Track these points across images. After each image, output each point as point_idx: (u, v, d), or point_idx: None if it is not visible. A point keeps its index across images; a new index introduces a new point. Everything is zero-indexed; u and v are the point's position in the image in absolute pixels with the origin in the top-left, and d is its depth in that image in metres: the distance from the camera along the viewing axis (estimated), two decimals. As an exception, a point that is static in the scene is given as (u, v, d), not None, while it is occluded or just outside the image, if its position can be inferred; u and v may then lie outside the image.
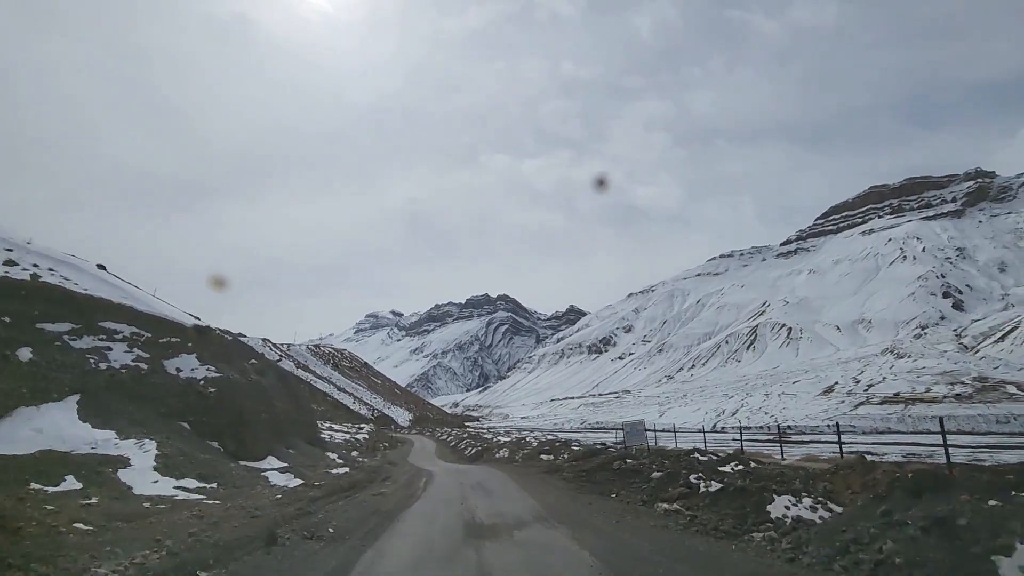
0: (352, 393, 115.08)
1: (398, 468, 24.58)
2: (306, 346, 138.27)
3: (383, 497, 13.83)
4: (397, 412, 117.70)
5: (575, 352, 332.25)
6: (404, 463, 28.53)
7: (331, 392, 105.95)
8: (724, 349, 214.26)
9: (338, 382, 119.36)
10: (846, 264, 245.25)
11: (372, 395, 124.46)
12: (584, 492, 13.88)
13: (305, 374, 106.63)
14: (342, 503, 12.52)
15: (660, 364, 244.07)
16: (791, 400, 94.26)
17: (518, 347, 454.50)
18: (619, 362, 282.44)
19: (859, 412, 76.64)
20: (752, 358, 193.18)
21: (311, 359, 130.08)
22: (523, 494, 13.70)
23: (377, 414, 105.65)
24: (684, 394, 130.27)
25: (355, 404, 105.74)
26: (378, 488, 15.74)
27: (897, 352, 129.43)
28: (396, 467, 25.21)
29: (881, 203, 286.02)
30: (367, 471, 20.79)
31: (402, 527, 9.89)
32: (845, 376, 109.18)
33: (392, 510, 11.73)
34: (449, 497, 13.65)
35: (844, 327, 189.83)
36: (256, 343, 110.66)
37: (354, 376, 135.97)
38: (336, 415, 78.94)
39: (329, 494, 13.29)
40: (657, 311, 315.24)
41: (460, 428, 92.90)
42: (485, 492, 14.38)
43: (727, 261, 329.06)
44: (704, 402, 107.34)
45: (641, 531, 9.22)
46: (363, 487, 15.63)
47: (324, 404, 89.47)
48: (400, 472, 22.19)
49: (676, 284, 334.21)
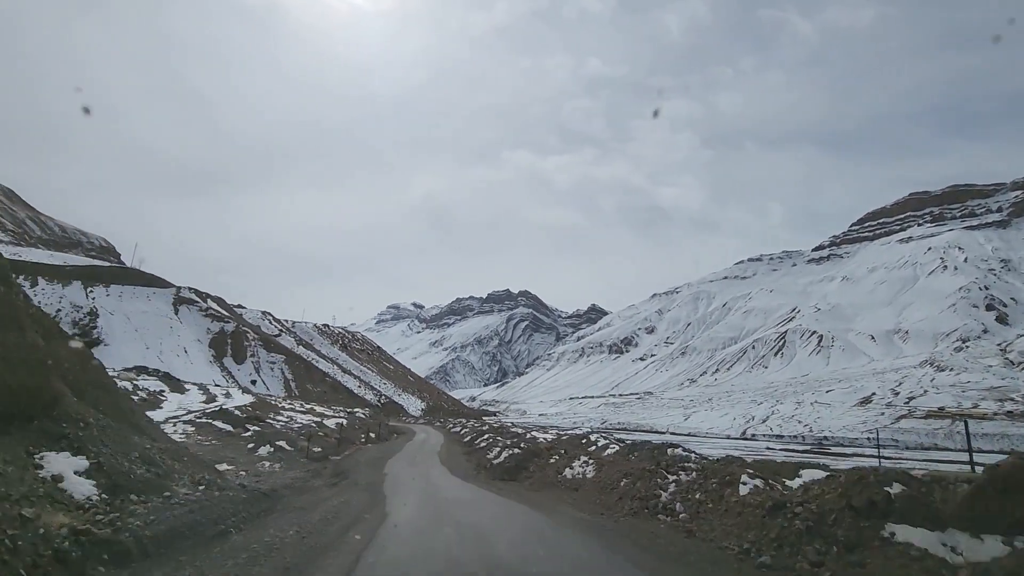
0: (359, 376, 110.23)
1: (338, 494, 12.49)
2: (313, 325, 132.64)
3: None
4: (408, 400, 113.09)
5: (595, 351, 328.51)
6: (371, 474, 16.88)
7: (333, 373, 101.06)
8: (751, 354, 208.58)
9: (344, 364, 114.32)
10: (882, 272, 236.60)
11: (382, 380, 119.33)
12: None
13: (306, 352, 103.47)
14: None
15: (683, 367, 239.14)
16: (825, 409, 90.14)
17: (538, 344, 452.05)
18: (640, 363, 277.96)
19: (901, 426, 72.54)
20: (780, 364, 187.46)
21: (316, 337, 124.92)
22: None
23: (385, 400, 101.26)
24: (709, 398, 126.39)
25: (360, 388, 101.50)
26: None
27: (937, 365, 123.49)
28: (336, 489, 13.46)
29: (921, 210, 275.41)
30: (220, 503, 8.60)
31: None
32: (883, 387, 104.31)
33: None
34: None
35: (879, 337, 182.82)
36: (254, 315, 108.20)
37: (364, 359, 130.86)
38: (334, 398, 76.69)
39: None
40: (681, 313, 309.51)
41: (478, 420, 72.14)
42: None
43: (755, 265, 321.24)
44: (731, 407, 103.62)
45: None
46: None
47: (321, 385, 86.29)
48: (331, 505, 10.81)
49: (701, 287, 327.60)
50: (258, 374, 78.89)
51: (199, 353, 71.16)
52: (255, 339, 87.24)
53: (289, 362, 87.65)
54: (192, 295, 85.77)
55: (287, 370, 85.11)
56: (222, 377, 64.89)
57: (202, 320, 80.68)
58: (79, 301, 65.80)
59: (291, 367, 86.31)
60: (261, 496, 9.84)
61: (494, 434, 30.66)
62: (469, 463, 21.45)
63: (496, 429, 37.41)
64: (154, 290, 78.72)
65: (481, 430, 37.57)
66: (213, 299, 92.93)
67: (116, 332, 63.85)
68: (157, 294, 78.46)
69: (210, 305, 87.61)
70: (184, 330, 74.19)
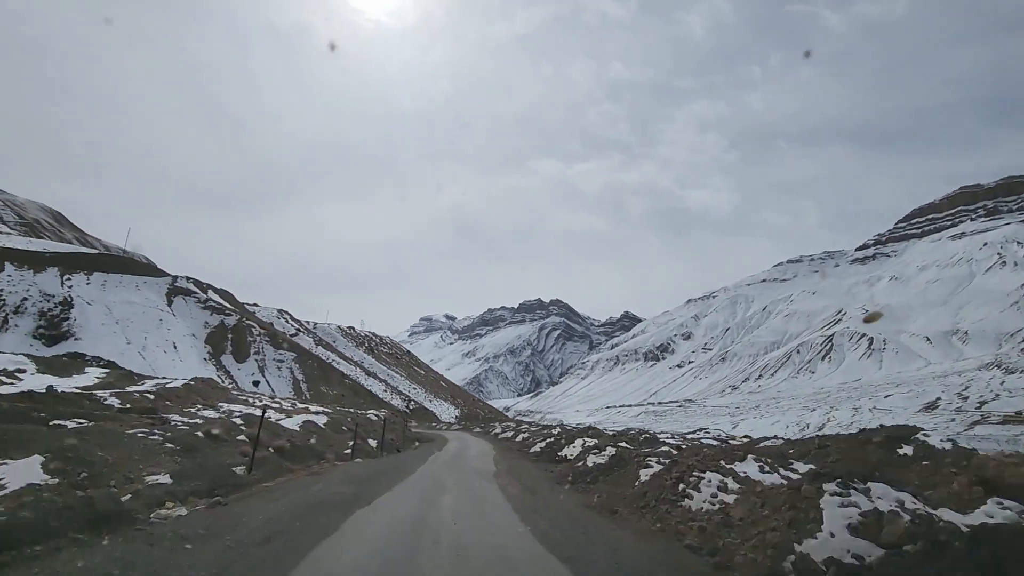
0: (385, 380, 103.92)
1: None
2: (337, 326, 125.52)
3: None
4: (440, 406, 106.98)
5: (631, 359, 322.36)
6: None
7: (355, 375, 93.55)
8: (795, 359, 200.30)
9: (369, 367, 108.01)
10: (934, 270, 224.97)
11: (412, 385, 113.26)
12: None
13: (326, 352, 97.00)
14: None
15: (723, 373, 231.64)
16: (886, 416, 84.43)
17: (571, 353, 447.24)
18: (678, 370, 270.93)
19: (977, 432, 66.91)
20: (828, 369, 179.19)
21: (340, 339, 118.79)
22: None
23: (414, 406, 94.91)
24: (756, 405, 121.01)
25: (386, 392, 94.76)
26: None
27: (1006, 367, 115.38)
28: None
29: (973, 204, 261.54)
30: None
31: None
32: (947, 391, 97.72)
33: None
34: None
35: (935, 338, 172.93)
36: (269, 313, 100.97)
37: (392, 363, 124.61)
38: (354, 402, 68.38)
39: None
40: (719, 318, 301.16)
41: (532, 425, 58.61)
42: None
43: (795, 267, 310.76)
44: (782, 414, 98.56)
45: None
46: None
47: (339, 387, 78.37)
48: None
49: (739, 290, 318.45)
50: (262, 374, 70.98)
51: (191, 349, 63.26)
52: (261, 335, 78.20)
53: (300, 361, 78.58)
54: (190, 285, 76.89)
55: (297, 370, 76.31)
56: (216, 376, 58.25)
57: (200, 313, 71.57)
58: (51, 289, 58.59)
59: (303, 367, 77.44)
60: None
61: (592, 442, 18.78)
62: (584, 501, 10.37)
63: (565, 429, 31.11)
64: (144, 279, 70.32)
65: (548, 434, 27.37)
66: (217, 291, 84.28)
67: (92, 325, 57.43)
68: (148, 284, 69.90)
69: (211, 297, 78.15)
70: (176, 324, 65.70)
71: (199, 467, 9.96)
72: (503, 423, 56.79)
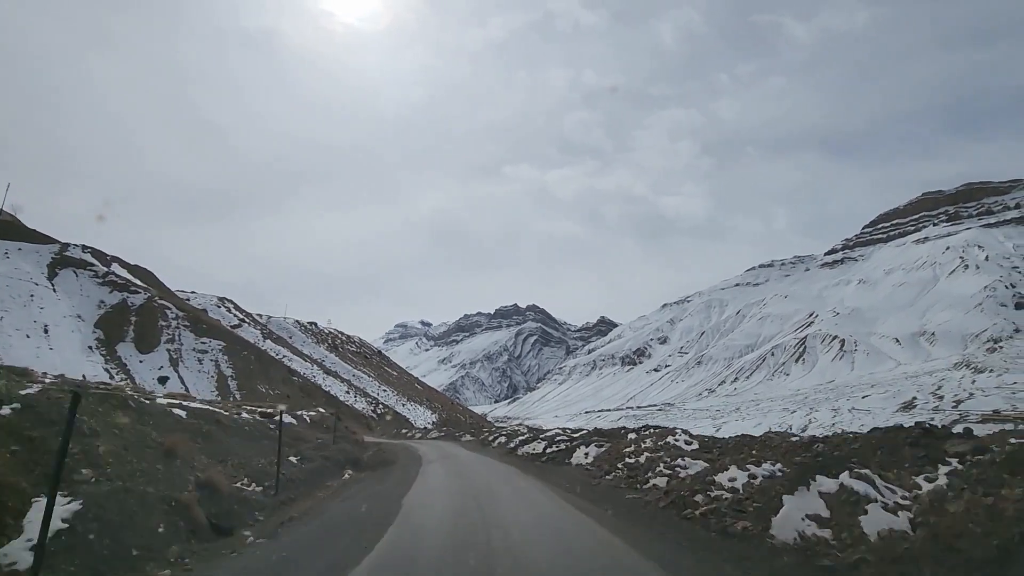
0: (349, 381, 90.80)
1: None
2: (295, 321, 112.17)
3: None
4: (415, 411, 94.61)
5: (607, 363, 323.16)
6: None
7: (310, 374, 79.94)
8: (770, 361, 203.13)
9: (331, 366, 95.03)
10: (900, 274, 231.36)
11: (382, 387, 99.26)
12: None
13: (276, 347, 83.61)
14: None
15: (700, 376, 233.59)
16: (866, 416, 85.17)
17: (548, 358, 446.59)
18: (655, 374, 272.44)
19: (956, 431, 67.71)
20: (802, 371, 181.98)
21: (297, 335, 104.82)
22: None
23: (383, 410, 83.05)
24: (737, 407, 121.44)
25: (349, 394, 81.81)
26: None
27: (974, 367, 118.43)
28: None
29: (935, 210, 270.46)
30: None
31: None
32: (922, 391, 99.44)
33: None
34: None
35: (904, 340, 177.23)
36: (207, 300, 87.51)
37: (359, 363, 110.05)
38: (304, 404, 53.08)
39: None
40: (694, 322, 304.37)
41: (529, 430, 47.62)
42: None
43: (767, 271, 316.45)
44: (763, 416, 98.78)
45: None
46: None
47: (285, 386, 64.82)
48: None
49: (713, 294, 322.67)
50: (174, 367, 56.54)
51: (71, 334, 51.39)
52: (179, 319, 63.18)
53: (231, 352, 63.29)
54: (86, 256, 62.63)
55: (226, 363, 61.26)
56: (103, 368, 47.45)
57: (95, 290, 57.74)
58: None
59: (234, 360, 62.29)
60: None
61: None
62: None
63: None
64: (20, 246, 57.29)
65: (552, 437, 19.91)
66: (124, 264, 69.60)
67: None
68: (24, 252, 56.97)
69: (113, 271, 63.66)
70: (56, 302, 53.40)
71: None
72: (492, 430, 40.28)
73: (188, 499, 7.78)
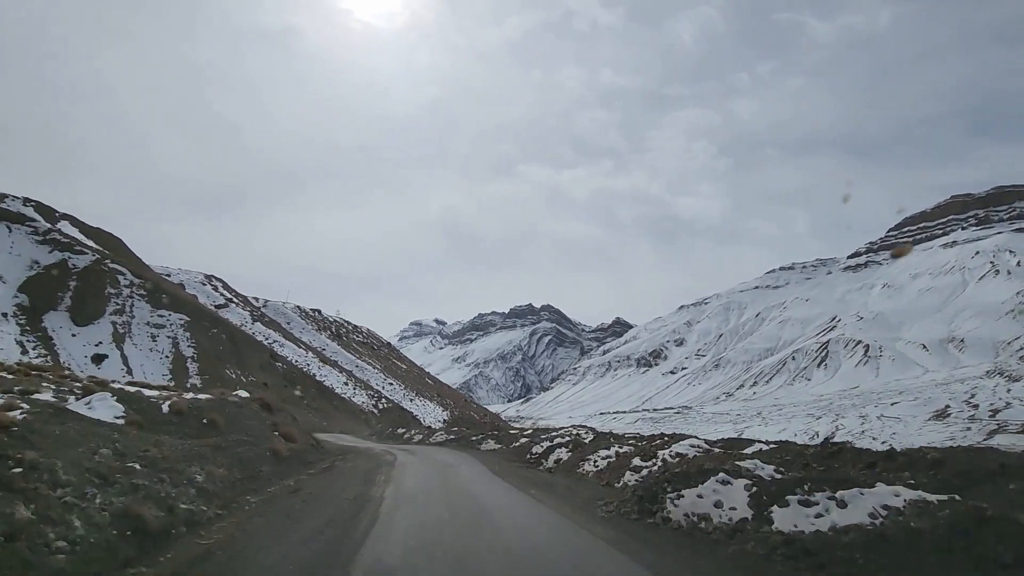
0: (349, 371, 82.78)
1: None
2: (295, 306, 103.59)
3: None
4: (424, 407, 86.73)
5: (623, 365, 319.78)
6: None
7: (302, 362, 70.97)
8: (790, 366, 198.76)
9: (331, 355, 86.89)
10: (927, 278, 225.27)
11: (388, 380, 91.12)
12: None
13: (267, 331, 75.05)
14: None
15: (717, 380, 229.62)
16: (897, 424, 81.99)
17: (562, 358, 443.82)
18: (671, 376, 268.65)
19: (997, 441, 64.36)
20: (824, 376, 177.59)
21: (296, 320, 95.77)
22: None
23: (388, 404, 75.88)
24: (758, 412, 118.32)
25: (348, 386, 73.56)
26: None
27: (1008, 375, 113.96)
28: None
29: (964, 213, 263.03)
30: None
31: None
32: (955, 400, 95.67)
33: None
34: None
35: (931, 346, 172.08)
36: (191, 278, 79.61)
37: (365, 354, 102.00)
38: (287, 395, 51.34)
39: None
40: (711, 324, 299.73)
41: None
42: None
43: (788, 274, 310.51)
44: (787, 422, 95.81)
45: None
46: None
47: (263, 373, 55.88)
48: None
49: (732, 297, 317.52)
50: (119, 343, 46.35)
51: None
52: (133, 287, 52.68)
53: (195, 329, 52.72)
54: (27, 210, 53.55)
55: (187, 341, 50.90)
56: (15, 341, 39.96)
57: (29, 248, 47.89)
58: None
59: (198, 338, 51.97)
60: None
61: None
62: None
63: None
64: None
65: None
66: (79, 224, 60.08)
67: None
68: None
69: (59, 229, 54.05)
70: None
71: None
72: (535, 433, 25.51)
73: None
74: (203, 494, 8.14)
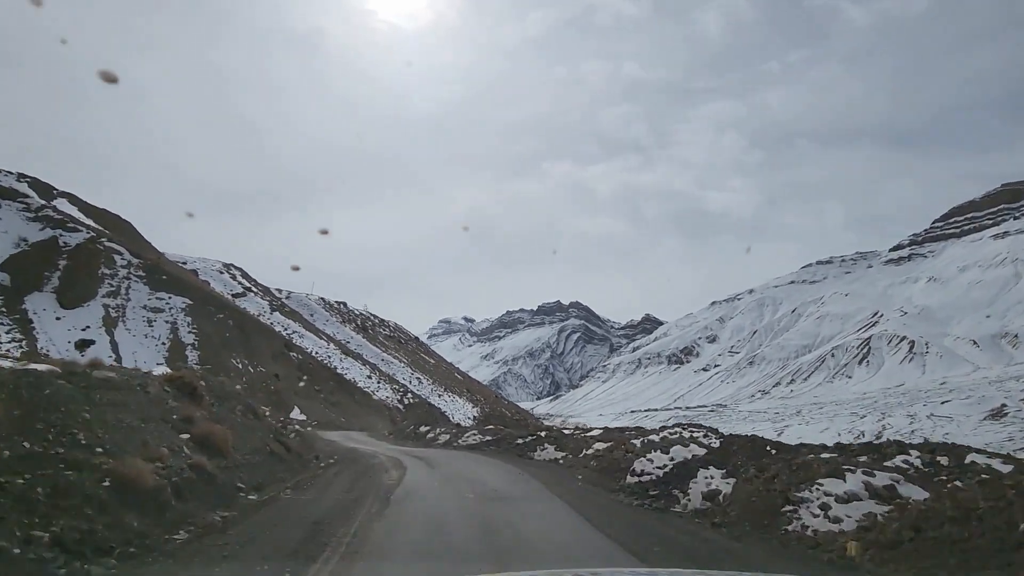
0: (375, 365, 78.80)
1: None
2: (320, 298, 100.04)
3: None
4: (453, 403, 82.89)
5: (653, 362, 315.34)
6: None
7: (322, 353, 67.33)
8: (830, 363, 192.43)
9: (356, 347, 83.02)
10: (976, 271, 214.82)
11: (415, 374, 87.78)
12: None
13: (286, 321, 71.50)
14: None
15: (752, 377, 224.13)
16: (949, 424, 78.12)
17: (591, 356, 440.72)
18: (703, 373, 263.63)
19: (1063, 442, 60.66)
20: (866, 374, 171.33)
21: (319, 312, 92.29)
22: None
23: (414, 400, 72.13)
24: (798, 410, 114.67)
25: (371, 379, 69.29)
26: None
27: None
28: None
29: (1016, 203, 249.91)
30: None
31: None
32: (1011, 398, 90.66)
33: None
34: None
35: (982, 342, 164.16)
36: (208, 266, 75.98)
37: (391, 348, 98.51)
38: (300, 387, 48.01)
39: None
40: (745, 320, 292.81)
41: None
42: None
43: (825, 268, 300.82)
44: (830, 421, 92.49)
45: None
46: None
47: (275, 363, 51.11)
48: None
49: (766, 292, 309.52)
50: (109, 328, 41.80)
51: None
52: (131, 267, 48.18)
53: (198, 314, 47.78)
54: (21, 185, 49.88)
55: (187, 327, 46.21)
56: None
57: (18, 225, 44.41)
58: None
59: (201, 323, 47.26)
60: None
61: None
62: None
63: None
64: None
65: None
66: (78, 202, 55.68)
67: None
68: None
69: (52, 205, 49.56)
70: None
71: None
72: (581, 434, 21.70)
73: None
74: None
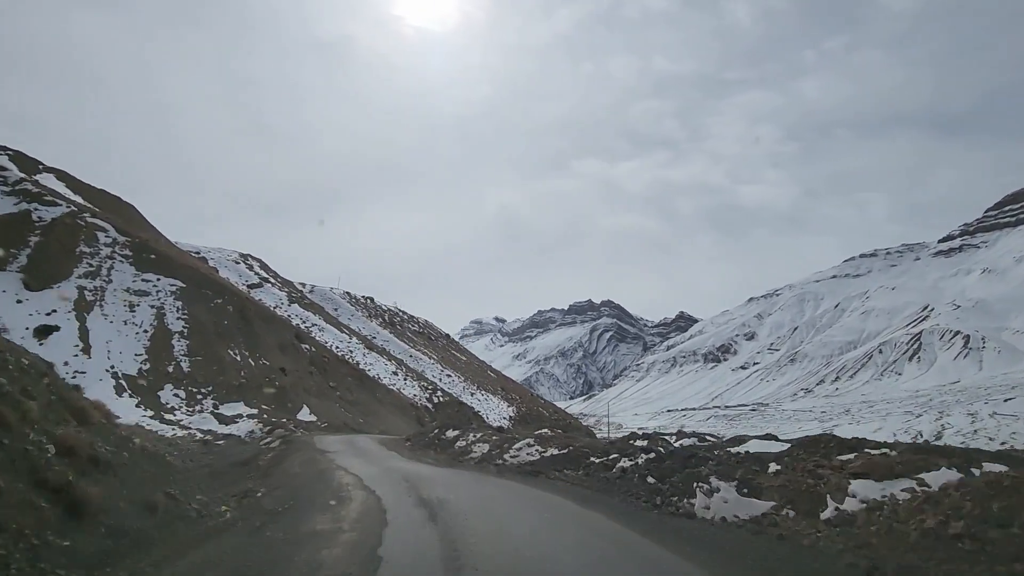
0: (401, 360, 72.33)
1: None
2: (345, 292, 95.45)
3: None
4: (487, 402, 76.42)
5: (688, 360, 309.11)
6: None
7: (343, 348, 61.40)
8: (877, 359, 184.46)
9: (383, 343, 77.12)
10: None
11: (445, 371, 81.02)
12: None
13: (304, 313, 66.31)
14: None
15: (794, 375, 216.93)
16: (1015, 423, 73.20)
17: (624, 355, 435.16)
18: (742, 372, 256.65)
19: None
20: (917, 370, 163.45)
21: (344, 306, 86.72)
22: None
23: (444, 399, 64.94)
24: (846, 409, 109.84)
25: (398, 376, 63.06)
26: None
27: None
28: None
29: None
30: None
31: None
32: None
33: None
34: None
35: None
36: (223, 256, 71.22)
37: (420, 344, 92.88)
38: (313, 384, 41.49)
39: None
40: (785, 317, 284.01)
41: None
42: None
43: (870, 261, 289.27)
44: (883, 420, 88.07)
45: None
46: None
47: (285, 358, 42.36)
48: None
49: (806, 287, 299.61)
50: (81, 313, 34.33)
51: None
52: (115, 245, 41.43)
53: (191, 299, 40.07)
54: (2, 159, 44.57)
55: (176, 312, 38.57)
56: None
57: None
58: None
59: (193, 309, 39.40)
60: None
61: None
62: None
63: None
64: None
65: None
66: (66, 177, 49.24)
67: None
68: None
69: (34, 180, 43.07)
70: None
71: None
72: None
73: None
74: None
